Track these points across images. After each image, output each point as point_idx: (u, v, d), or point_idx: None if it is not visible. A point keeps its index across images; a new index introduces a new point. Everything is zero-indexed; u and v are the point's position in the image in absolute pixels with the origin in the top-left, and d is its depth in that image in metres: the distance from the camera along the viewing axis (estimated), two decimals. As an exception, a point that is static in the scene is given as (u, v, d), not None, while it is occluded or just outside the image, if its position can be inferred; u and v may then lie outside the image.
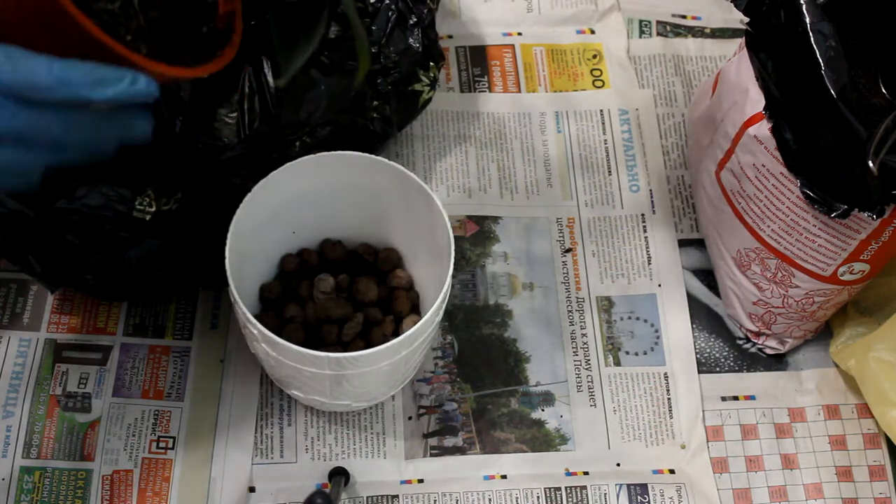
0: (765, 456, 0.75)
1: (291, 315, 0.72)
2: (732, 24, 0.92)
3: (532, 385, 0.77)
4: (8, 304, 0.76)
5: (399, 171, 0.67)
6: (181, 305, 0.77)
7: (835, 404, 0.78)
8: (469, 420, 0.75)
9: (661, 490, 0.73)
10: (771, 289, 0.74)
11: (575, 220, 0.83)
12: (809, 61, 0.60)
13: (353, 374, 0.63)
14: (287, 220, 0.71)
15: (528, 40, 0.91)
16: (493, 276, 0.80)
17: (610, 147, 0.86)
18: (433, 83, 0.79)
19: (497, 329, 0.78)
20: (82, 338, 0.75)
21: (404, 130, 0.84)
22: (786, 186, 0.67)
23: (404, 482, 0.72)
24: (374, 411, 0.75)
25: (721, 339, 0.80)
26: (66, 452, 0.71)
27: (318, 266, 0.75)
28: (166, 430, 0.73)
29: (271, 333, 0.60)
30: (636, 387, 0.77)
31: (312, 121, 0.71)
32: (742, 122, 0.69)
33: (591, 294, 0.80)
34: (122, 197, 0.64)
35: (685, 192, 0.85)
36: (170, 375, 0.75)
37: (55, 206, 0.63)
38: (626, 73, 0.89)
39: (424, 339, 0.65)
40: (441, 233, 0.66)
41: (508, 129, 0.86)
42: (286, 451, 0.73)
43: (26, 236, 0.66)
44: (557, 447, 0.75)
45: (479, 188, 0.84)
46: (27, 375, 0.74)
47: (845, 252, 0.68)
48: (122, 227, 0.66)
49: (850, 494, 0.74)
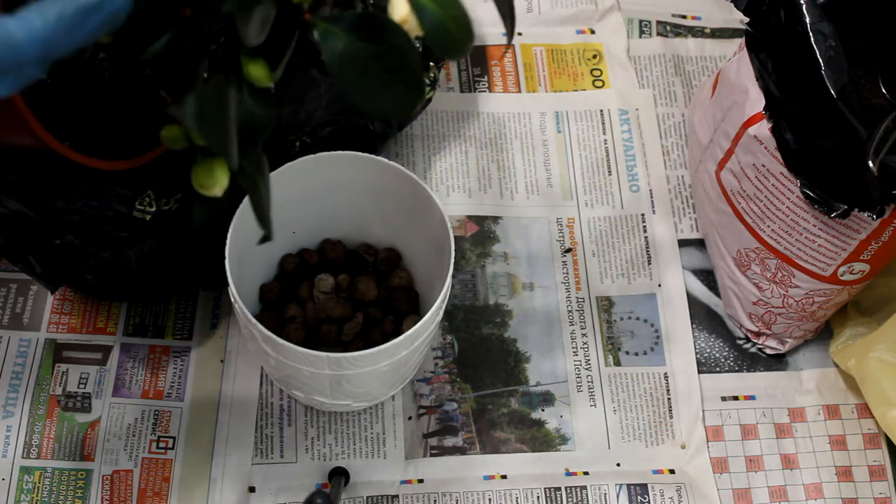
0: (765, 456, 0.75)
1: (291, 315, 0.72)
2: (732, 24, 0.92)
3: (532, 385, 0.77)
4: (8, 304, 0.76)
5: (399, 171, 0.67)
6: (181, 305, 0.77)
7: (835, 404, 0.78)
8: (469, 420, 0.75)
9: (661, 490, 0.73)
10: (771, 289, 0.74)
11: (575, 220, 0.83)
12: (809, 61, 0.60)
13: (352, 374, 0.63)
14: (287, 220, 0.71)
15: (528, 40, 0.91)
16: (493, 276, 0.80)
17: (610, 147, 0.86)
18: (433, 83, 0.79)
19: (497, 329, 0.78)
20: (82, 338, 0.75)
21: (404, 130, 0.84)
22: (786, 186, 0.67)
23: (404, 482, 0.72)
24: (374, 411, 0.75)
25: (721, 339, 0.80)
26: (66, 452, 0.71)
27: (318, 266, 0.75)
28: (166, 430, 0.73)
29: (271, 333, 0.60)
30: (636, 387, 0.77)
31: (312, 121, 0.71)
32: (742, 122, 0.69)
33: (591, 294, 0.80)
34: (122, 197, 0.64)
35: (685, 192, 0.85)
36: (170, 375, 0.75)
37: (55, 206, 0.63)
38: (626, 73, 0.89)
39: (424, 339, 0.65)
40: (441, 233, 0.66)
41: (508, 129, 0.86)
42: (286, 451, 0.73)
43: (26, 236, 0.66)
44: (557, 447, 0.75)
45: (479, 188, 0.84)
46: (27, 375, 0.74)
47: (845, 252, 0.68)
48: (122, 227, 0.66)
49: (850, 494, 0.74)
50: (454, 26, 0.43)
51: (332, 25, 0.43)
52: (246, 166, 0.47)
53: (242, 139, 0.45)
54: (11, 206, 0.63)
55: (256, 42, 0.42)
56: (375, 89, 0.44)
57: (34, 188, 0.63)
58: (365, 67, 0.44)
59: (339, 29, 0.43)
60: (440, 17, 0.43)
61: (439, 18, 0.43)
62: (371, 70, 0.44)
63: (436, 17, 0.43)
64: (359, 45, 0.43)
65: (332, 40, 0.43)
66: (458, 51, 0.44)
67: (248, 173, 0.47)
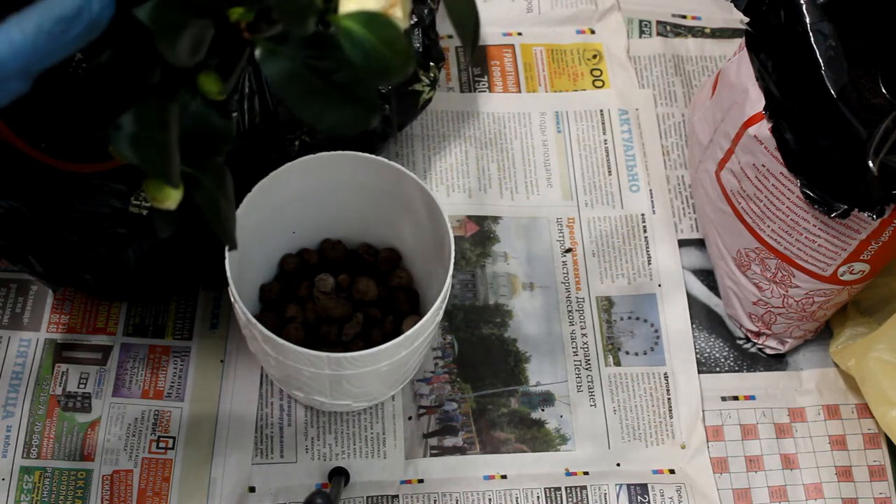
0: (765, 456, 0.75)
1: (291, 315, 0.72)
2: (732, 24, 0.92)
3: (532, 385, 0.77)
4: (8, 304, 0.76)
5: (399, 171, 0.67)
6: (181, 305, 0.77)
7: (835, 404, 0.78)
8: (469, 420, 0.75)
9: (661, 490, 0.73)
10: (771, 289, 0.74)
11: (575, 220, 0.83)
12: (809, 61, 0.60)
13: (352, 374, 0.63)
14: (287, 220, 0.71)
15: (528, 40, 0.91)
16: (493, 276, 0.80)
17: (610, 147, 0.86)
18: (433, 83, 0.79)
19: (497, 329, 0.78)
20: (82, 338, 0.75)
21: (404, 130, 0.84)
22: (786, 186, 0.67)
23: (404, 482, 0.72)
24: (374, 411, 0.75)
25: (721, 339, 0.80)
26: (66, 452, 0.71)
27: (318, 266, 0.75)
28: (166, 430, 0.73)
29: (271, 333, 0.60)
30: (636, 387, 0.77)
31: (312, 120, 0.71)
32: (742, 122, 0.69)
33: (591, 294, 0.80)
34: (118, 193, 0.64)
35: (685, 192, 0.85)
36: (170, 375, 0.75)
37: (52, 204, 0.63)
38: (626, 73, 0.89)
39: (424, 339, 0.65)
40: (441, 233, 0.66)
41: (508, 129, 0.86)
42: (286, 451, 0.73)
43: (26, 235, 0.66)
44: (557, 447, 0.75)
45: (479, 188, 0.84)
46: (27, 375, 0.74)
47: (845, 252, 0.68)
48: (120, 223, 0.66)
49: (850, 494, 0.74)
50: (388, 50, 0.40)
51: (274, 45, 0.41)
52: (204, 180, 0.44)
53: (200, 150, 0.43)
54: (7, 204, 0.63)
55: (190, 63, 0.40)
56: (323, 107, 0.42)
57: (29, 187, 0.63)
58: (310, 86, 0.41)
59: (283, 48, 0.41)
60: (371, 42, 0.40)
61: (371, 44, 0.40)
62: (317, 89, 0.41)
63: (367, 44, 0.40)
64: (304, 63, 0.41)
65: (272, 60, 0.41)
66: (396, 76, 0.41)
67: (206, 187, 0.44)
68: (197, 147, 0.43)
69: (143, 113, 0.40)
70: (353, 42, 0.40)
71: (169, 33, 0.38)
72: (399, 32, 0.41)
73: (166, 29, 0.38)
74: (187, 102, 0.43)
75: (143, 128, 0.40)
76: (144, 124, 0.40)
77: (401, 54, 0.41)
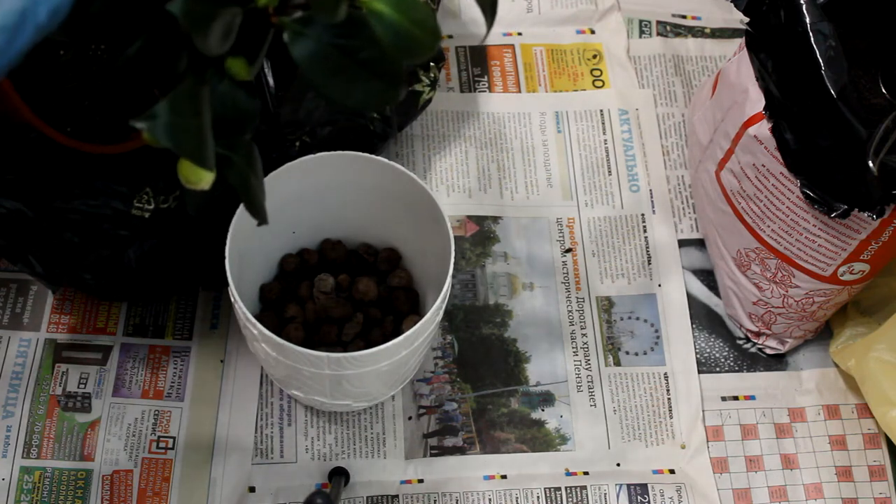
0: (765, 456, 0.75)
1: (291, 315, 0.72)
2: (732, 24, 0.92)
3: (532, 385, 0.77)
4: (8, 304, 0.76)
5: (399, 171, 0.67)
6: (181, 305, 0.77)
7: (835, 404, 0.78)
8: (469, 420, 0.75)
9: (661, 490, 0.73)
10: (771, 289, 0.74)
11: (575, 220, 0.83)
12: (809, 61, 0.60)
13: (352, 374, 0.63)
14: (287, 220, 0.71)
15: (528, 40, 0.91)
16: (493, 276, 0.80)
17: (610, 147, 0.86)
18: (433, 83, 0.79)
19: (497, 329, 0.78)
20: (82, 338, 0.75)
21: (404, 130, 0.84)
22: (786, 186, 0.67)
23: (404, 482, 0.72)
24: (374, 411, 0.75)
25: (721, 339, 0.80)
26: (66, 452, 0.71)
27: (318, 266, 0.75)
28: (166, 430, 0.73)
29: (271, 333, 0.60)
30: (636, 387, 0.77)
31: (312, 120, 0.71)
32: (742, 122, 0.69)
33: (591, 294, 0.80)
34: (120, 195, 0.64)
35: (685, 192, 0.85)
36: (170, 375, 0.75)
37: (53, 204, 0.63)
38: (626, 73, 0.89)
39: (424, 339, 0.65)
40: (441, 233, 0.66)
41: (508, 129, 0.86)
42: (286, 451, 0.73)
43: (26, 236, 0.66)
44: (557, 447, 0.75)
45: (479, 188, 0.84)
46: (27, 375, 0.74)
47: (845, 252, 0.68)
48: (121, 225, 0.66)
49: (850, 494, 0.74)
50: (419, 30, 0.42)
51: (301, 27, 0.42)
52: (235, 158, 0.46)
53: (229, 130, 0.45)
54: (9, 205, 0.63)
55: (221, 51, 0.41)
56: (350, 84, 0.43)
57: (31, 187, 0.63)
58: (338, 66, 0.43)
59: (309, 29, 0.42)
60: (400, 22, 0.42)
61: (401, 25, 0.42)
62: (344, 66, 0.43)
63: (396, 24, 0.42)
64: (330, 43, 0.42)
65: (300, 42, 0.42)
66: (427, 53, 0.43)
67: (236, 165, 0.46)
68: (226, 127, 0.45)
69: (177, 101, 0.41)
70: (384, 24, 0.42)
71: (201, 25, 0.39)
72: (428, 11, 0.42)
73: (198, 21, 0.39)
74: (215, 85, 0.44)
75: (179, 115, 0.41)
76: (179, 112, 0.41)
77: (430, 33, 0.42)
